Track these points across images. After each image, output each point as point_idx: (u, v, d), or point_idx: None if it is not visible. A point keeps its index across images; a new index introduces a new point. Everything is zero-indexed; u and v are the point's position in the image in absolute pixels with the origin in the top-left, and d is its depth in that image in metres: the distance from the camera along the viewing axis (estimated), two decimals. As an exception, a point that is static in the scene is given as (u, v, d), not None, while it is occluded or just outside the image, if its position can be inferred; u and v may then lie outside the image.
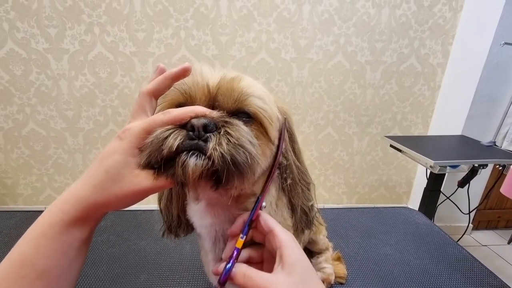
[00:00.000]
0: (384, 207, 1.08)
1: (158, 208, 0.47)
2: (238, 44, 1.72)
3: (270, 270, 0.33)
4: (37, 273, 0.29)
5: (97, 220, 0.33)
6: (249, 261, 0.37)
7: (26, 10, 1.57)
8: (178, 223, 0.45)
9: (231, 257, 0.34)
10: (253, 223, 0.37)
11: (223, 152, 0.29)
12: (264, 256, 0.38)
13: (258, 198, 0.38)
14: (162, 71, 0.36)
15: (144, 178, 0.31)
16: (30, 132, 1.79)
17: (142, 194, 0.31)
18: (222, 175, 0.30)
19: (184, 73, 0.35)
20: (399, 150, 1.49)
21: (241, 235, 0.35)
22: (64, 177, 1.92)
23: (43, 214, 0.31)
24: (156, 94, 0.35)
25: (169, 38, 1.68)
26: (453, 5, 1.74)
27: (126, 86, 1.75)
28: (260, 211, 0.37)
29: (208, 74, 0.36)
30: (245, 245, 0.36)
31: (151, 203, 0.56)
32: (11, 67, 1.65)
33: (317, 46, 1.77)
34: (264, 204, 0.39)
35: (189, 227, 0.46)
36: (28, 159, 1.85)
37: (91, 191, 0.31)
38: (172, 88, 0.35)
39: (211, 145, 0.29)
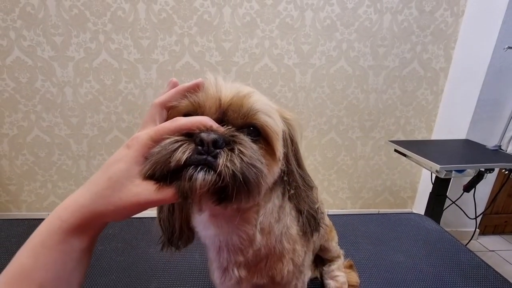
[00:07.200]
0: (392, 213, 1.07)
1: (157, 220, 0.45)
2: (241, 50, 1.74)
3: None
4: (36, 286, 0.28)
5: (97, 230, 0.32)
6: None
7: (32, 19, 1.58)
8: (180, 234, 0.44)
9: None
10: None
11: (235, 170, 0.29)
12: None
13: None
14: (174, 85, 0.36)
15: (145, 189, 0.30)
16: (34, 138, 1.80)
17: (141, 206, 0.30)
18: (232, 192, 0.30)
19: (196, 87, 0.35)
20: (404, 155, 1.48)
21: None
22: (67, 183, 1.92)
23: (43, 222, 0.30)
24: (167, 106, 0.35)
25: (173, 45, 1.69)
26: (454, 10, 1.76)
27: (130, 92, 1.76)
28: None
29: (223, 87, 0.35)
30: None
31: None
32: (17, 75, 1.67)
33: (319, 51, 1.78)
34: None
35: (190, 238, 0.45)
36: (32, 165, 1.85)
37: (91, 199, 0.30)
38: (183, 97, 0.35)
39: (221, 161, 0.29)
